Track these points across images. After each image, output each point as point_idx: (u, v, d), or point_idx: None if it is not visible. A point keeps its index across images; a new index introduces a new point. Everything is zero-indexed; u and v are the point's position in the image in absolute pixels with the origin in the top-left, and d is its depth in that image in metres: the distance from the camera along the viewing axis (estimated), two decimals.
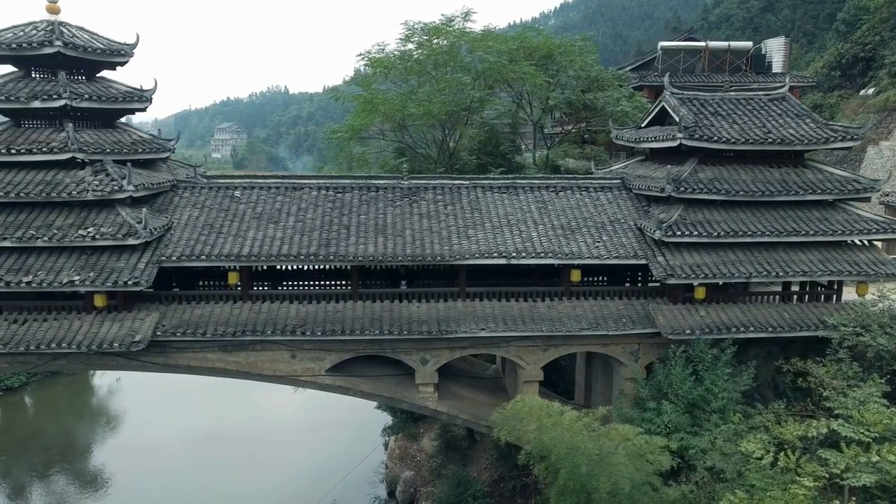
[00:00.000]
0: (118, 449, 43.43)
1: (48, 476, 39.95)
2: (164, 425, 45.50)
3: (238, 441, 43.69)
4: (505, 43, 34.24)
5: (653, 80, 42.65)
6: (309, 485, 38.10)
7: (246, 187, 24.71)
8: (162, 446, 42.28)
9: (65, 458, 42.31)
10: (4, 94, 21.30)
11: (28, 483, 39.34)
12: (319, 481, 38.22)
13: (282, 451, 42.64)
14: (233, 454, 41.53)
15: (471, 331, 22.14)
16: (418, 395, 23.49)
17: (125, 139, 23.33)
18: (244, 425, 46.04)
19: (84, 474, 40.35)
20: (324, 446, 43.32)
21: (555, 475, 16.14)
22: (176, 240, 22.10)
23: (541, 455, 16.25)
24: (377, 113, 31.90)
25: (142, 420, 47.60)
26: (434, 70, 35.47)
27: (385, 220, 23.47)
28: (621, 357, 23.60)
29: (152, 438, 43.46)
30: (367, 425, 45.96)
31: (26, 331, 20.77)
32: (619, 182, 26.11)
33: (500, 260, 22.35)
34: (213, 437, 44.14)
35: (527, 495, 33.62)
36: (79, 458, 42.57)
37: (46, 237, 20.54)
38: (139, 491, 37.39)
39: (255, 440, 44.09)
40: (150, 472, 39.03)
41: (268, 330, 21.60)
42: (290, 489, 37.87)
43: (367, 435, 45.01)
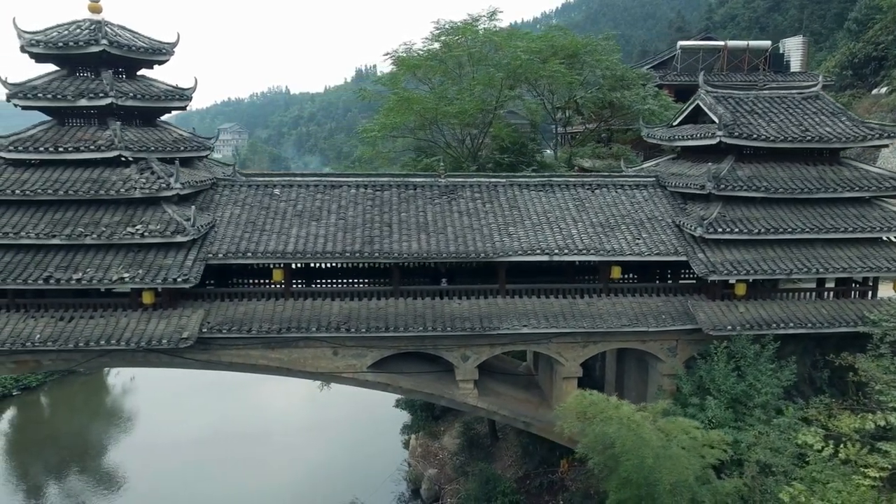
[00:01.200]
0: (132, 448, 43.44)
1: (64, 475, 40.02)
2: (177, 424, 45.53)
3: (250, 439, 43.70)
4: (533, 42, 34.42)
5: (672, 79, 42.85)
6: (327, 484, 38.19)
7: (285, 185, 24.84)
8: (175, 445, 42.33)
9: (80, 457, 42.34)
10: (51, 92, 21.41)
11: (44, 482, 39.41)
12: (337, 480, 38.43)
13: (295, 449, 42.63)
14: (246, 452, 41.54)
15: (513, 327, 22.29)
16: (458, 392, 23.62)
17: (167, 137, 23.45)
18: (255, 423, 46.06)
19: (99, 473, 40.39)
20: (338, 444, 43.34)
21: (612, 468, 16.29)
22: (220, 237, 22.23)
23: (602, 447, 16.38)
24: (411, 111, 32.02)
25: (156, 419, 47.66)
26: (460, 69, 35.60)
27: (426, 218, 23.62)
28: (659, 353, 23.77)
29: (166, 437, 43.55)
30: (378, 423, 46.22)
31: (74, 328, 20.87)
32: (654, 180, 26.29)
33: (543, 257, 22.51)
34: (226, 435, 44.12)
35: (553, 492, 33.80)
36: (94, 457, 42.63)
37: (95, 235, 20.66)
38: (154, 490, 37.44)
39: (266, 438, 44.10)
40: (164, 471, 39.14)
41: (312, 327, 21.72)
42: (307, 488, 37.85)
43: (380, 433, 45.28)
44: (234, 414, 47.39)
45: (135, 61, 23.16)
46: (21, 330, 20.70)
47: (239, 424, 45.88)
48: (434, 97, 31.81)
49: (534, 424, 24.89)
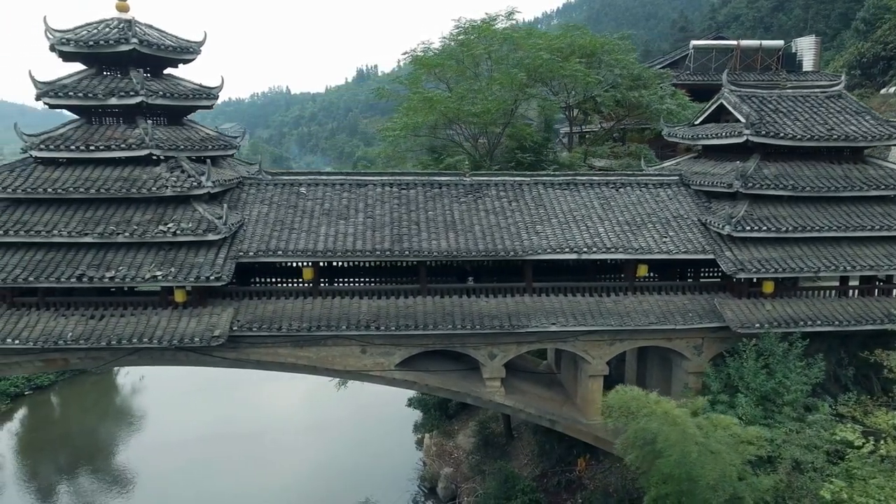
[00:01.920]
0: (143, 446, 43.41)
1: (75, 474, 40.01)
2: (186, 423, 45.63)
3: (258, 438, 43.76)
4: (553, 40, 34.49)
5: (685, 78, 42.92)
6: (339, 482, 38.15)
7: (311, 184, 24.89)
8: (185, 443, 42.43)
9: (91, 456, 42.29)
10: (81, 90, 21.45)
11: (56, 480, 39.37)
12: (349, 479, 38.37)
13: (304, 447, 42.63)
14: (255, 451, 41.59)
15: (541, 325, 22.35)
16: (485, 390, 23.67)
17: (194, 136, 23.48)
18: (263, 422, 46.10)
19: (110, 472, 40.37)
20: (348, 443, 43.37)
21: (651, 463, 16.35)
22: (250, 235, 22.27)
23: (643, 442, 16.43)
24: (434, 111, 32.07)
25: (165, 418, 47.68)
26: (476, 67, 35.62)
27: (453, 217, 23.67)
28: (685, 351, 23.83)
29: (176, 436, 43.66)
30: (386, 422, 46.11)
31: (105, 326, 20.90)
32: (677, 179, 26.36)
33: (571, 255, 22.57)
34: (235, 434, 44.15)
35: (572, 491, 33.88)
36: (104, 456, 42.57)
37: (127, 233, 20.69)
38: (164, 488, 37.44)
39: (275, 437, 44.13)
40: (174, 470, 39.19)
41: (342, 325, 21.77)
42: (319, 486, 37.77)
43: (387, 432, 45.26)
44: (241, 412, 47.45)
45: (162, 60, 23.20)
46: (52, 328, 20.72)
47: (247, 423, 45.92)
48: (456, 96, 31.86)
49: (559, 422, 24.94)
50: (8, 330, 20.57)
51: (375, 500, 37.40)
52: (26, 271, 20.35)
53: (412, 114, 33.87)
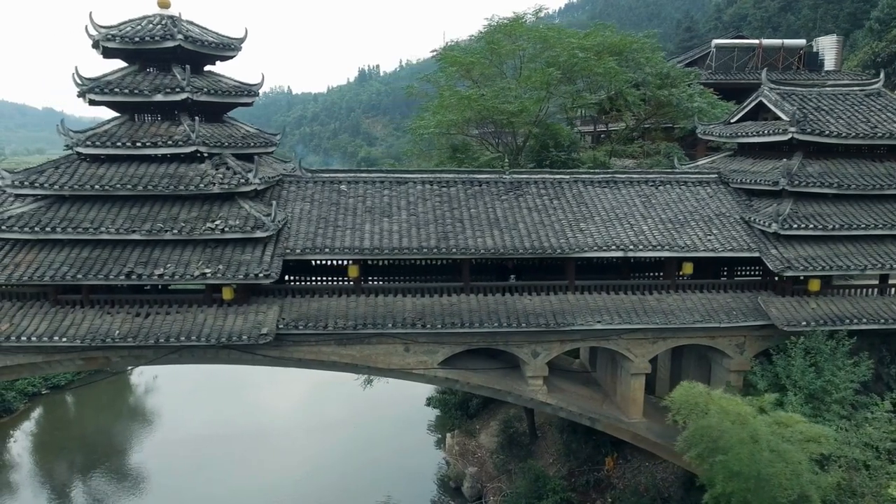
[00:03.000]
0: (157, 445, 43.41)
1: (91, 472, 39.94)
2: (199, 422, 45.64)
3: (272, 437, 43.84)
4: (585, 38, 34.43)
5: (707, 77, 42.83)
6: (357, 481, 37.96)
7: (351, 181, 24.79)
8: (200, 442, 42.49)
9: (105, 455, 42.24)
10: (126, 87, 21.33)
11: (73, 478, 39.34)
12: (367, 478, 38.25)
13: (320, 445, 42.59)
14: (271, 450, 41.60)
15: (587, 323, 22.26)
16: (528, 388, 23.57)
17: (236, 133, 23.37)
18: (276, 421, 46.14)
19: (124, 471, 40.27)
20: (364, 442, 43.23)
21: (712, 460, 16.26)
22: (295, 233, 22.15)
23: (709, 439, 16.33)
24: (470, 109, 31.95)
25: (179, 416, 47.68)
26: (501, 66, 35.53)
27: (496, 214, 23.57)
28: (727, 350, 23.75)
29: (190, 434, 43.74)
30: (398, 422, 46.25)
31: (151, 324, 20.77)
32: (716, 177, 26.30)
33: (618, 253, 22.50)
34: (252, 432, 44.21)
35: (601, 490, 33.83)
36: (119, 455, 42.47)
37: (175, 230, 20.56)
38: (180, 487, 37.43)
39: (290, 436, 44.15)
40: (189, 468, 39.27)
41: (388, 323, 21.66)
42: (338, 484, 37.71)
43: (400, 430, 45.16)
44: (252, 411, 47.58)
45: (204, 56, 23.09)
46: (98, 326, 20.58)
47: (260, 422, 45.98)
48: (491, 94, 31.76)
49: (600, 421, 24.84)
50: (54, 328, 20.43)
51: (396, 500, 37.21)
52: (73, 268, 20.21)
53: (445, 111, 33.71)
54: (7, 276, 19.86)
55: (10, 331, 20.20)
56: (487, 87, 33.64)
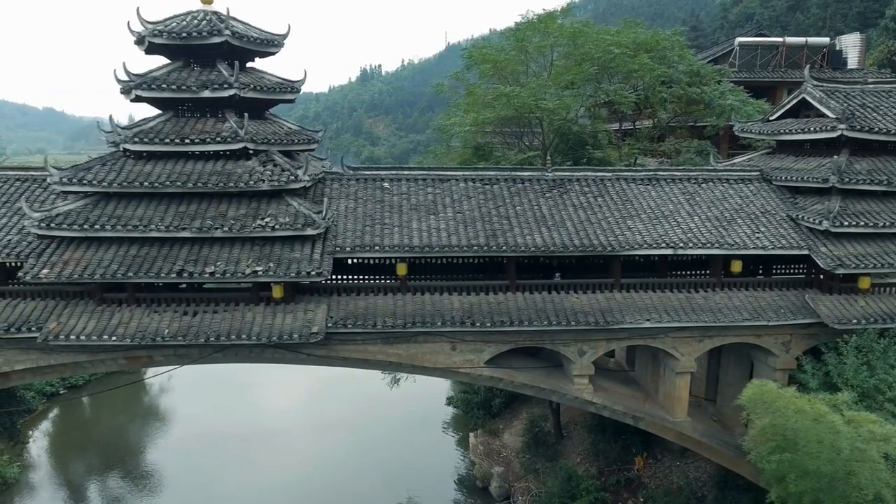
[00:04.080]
0: (172, 445, 43.24)
1: (107, 473, 39.77)
2: (215, 421, 45.55)
3: (288, 437, 43.64)
4: (618, 35, 34.29)
5: (730, 75, 42.61)
6: (377, 481, 37.76)
7: (393, 179, 24.59)
8: (214, 442, 42.39)
9: (121, 455, 42.11)
10: (174, 83, 21.10)
11: (88, 480, 39.14)
12: (385, 477, 38.05)
13: (340, 444, 42.33)
14: (288, 450, 41.46)
15: (636, 321, 22.10)
16: (573, 387, 23.40)
17: (279, 130, 23.17)
18: (291, 421, 45.96)
19: (140, 471, 40.11)
20: (381, 443, 42.98)
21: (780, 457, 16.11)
22: (342, 230, 21.95)
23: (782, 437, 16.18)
24: (510, 107, 31.76)
25: (194, 416, 47.41)
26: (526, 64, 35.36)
27: (541, 212, 23.39)
28: (773, 348, 23.60)
29: (205, 434, 43.67)
30: (417, 420, 46.12)
31: (200, 322, 20.55)
32: (758, 174, 26.15)
33: (667, 250, 22.34)
34: (264, 432, 44.05)
35: (632, 489, 33.71)
36: (135, 455, 42.31)
37: (225, 227, 20.34)
38: (194, 486, 37.35)
39: (306, 436, 43.97)
40: (201, 468, 39.18)
41: (437, 321, 21.47)
42: (358, 482, 37.57)
43: (411, 429, 44.88)
44: (268, 411, 47.43)
45: (249, 53, 22.89)
46: (147, 325, 20.37)
47: (276, 421, 45.77)
48: (529, 91, 31.57)
49: (644, 419, 24.67)
50: (102, 326, 20.21)
51: (418, 500, 36.94)
52: (123, 266, 19.97)
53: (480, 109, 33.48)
54: (57, 273, 19.61)
55: (58, 329, 19.98)
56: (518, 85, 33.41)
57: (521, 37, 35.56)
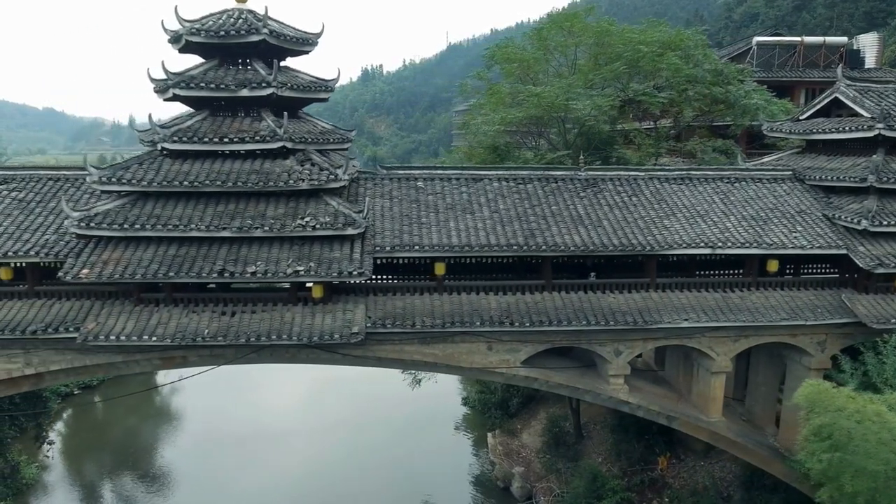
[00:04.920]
0: (185, 445, 43.27)
1: (120, 473, 39.76)
2: (226, 421, 45.56)
3: (309, 435, 43.76)
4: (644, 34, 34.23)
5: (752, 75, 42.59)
6: (394, 481, 37.70)
7: (427, 178, 24.48)
8: (226, 443, 42.37)
9: (134, 456, 42.09)
10: (212, 82, 20.97)
11: (102, 480, 39.14)
12: (402, 477, 38.01)
13: (355, 444, 42.20)
14: (303, 450, 41.45)
15: (674, 321, 22.03)
16: (609, 387, 23.31)
17: (314, 129, 23.06)
18: (310, 420, 46.12)
19: (152, 471, 40.10)
20: (396, 441, 42.96)
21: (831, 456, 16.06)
22: (380, 230, 21.84)
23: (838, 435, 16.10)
24: (540, 106, 31.67)
25: (206, 417, 47.38)
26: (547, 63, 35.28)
27: (577, 211, 23.31)
28: (808, 348, 23.54)
29: (217, 434, 43.77)
30: (427, 420, 45.96)
31: (239, 323, 20.43)
32: (791, 174, 26.09)
33: (706, 250, 22.28)
34: (282, 431, 44.09)
35: (656, 489, 33.64)
36: (147, 456, 42.32)
37: (266, 227, 20.21)
38: (206, 487, 37.30)
39: (319, 434, 44.02)
40: (213, 468, 39.17)
41: (475, 321, 21.37)
42: (374, 482, 37.49)
43: (421, 429, 44.74)
44: (280, 411, 47.48)
45: (284, 51, 22.74)
46: (186, 325, 20.24)
47: (290, 421, 45.80)
48: (559, 91, 31.47)
49: (678, 419, 24.60)
50: (141, 327, 20.08)
51: (436, 500, 36.80)
52: (163, 266, 19.84)
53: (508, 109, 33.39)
54: (98, 273, 19.47)
55: (97, 330, 19.84)
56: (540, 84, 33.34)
57: (545, 35, 35.51)
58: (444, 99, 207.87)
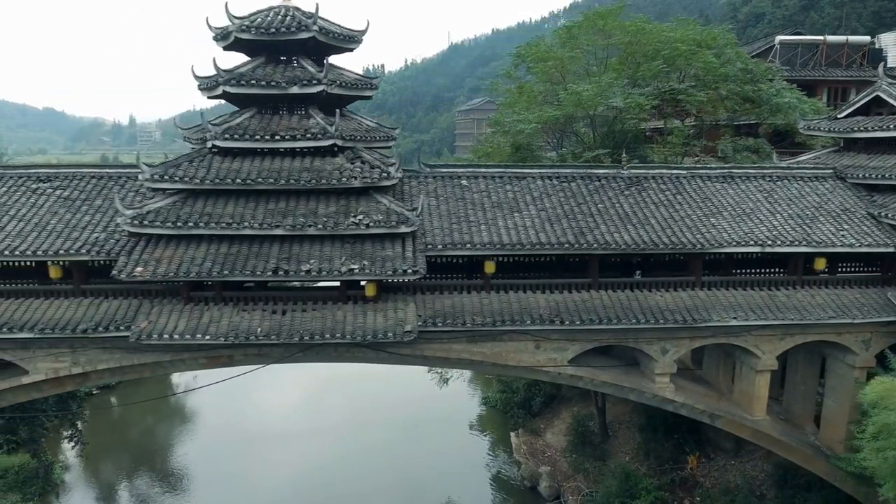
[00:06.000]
0: (201, 446, 43.16)
1: (138, 473, 39.78)
2: (240, 421, 45.57)
3: (324, 435, 43.53)
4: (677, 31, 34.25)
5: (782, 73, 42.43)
6: (413, 481, 37.58)
7: (470, 176, 24.42)
8: (241, 442, 42.39)
9: (151, 456, 42.14)
10: (263, 79, 20.87)
11: (120, 481, 39.09)
12: (420, 477, 37.94)
13: (370, 443, 42.02)
14: (320, 450, 41.34)
15: (722, 319, 21.99)
16: (655, 386, 23.27)
17: (359, 126, 22.97)
18: (323, 420, 45.89)
19: (168, 472, 40.00)
20: (413, 440, 42.74)
21: None
22: (429, 228, 21.75)
23: None
24: (579, 105, 31.63)
25: (222, 417, 47.17)
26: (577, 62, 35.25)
27: (623, 210, 23.26)
28: (853, 346, 23.52)
29: (232, 434, 43.74)
30: (440, 419, 45.77)
31: (291, 321, 20.33)
32: (832, 172, 26.08)
33: (756, 248, 22.25)
34: (295, 432, 44.02)
35: (687, 488, 33.59)
36: (163, 456, 42.24)
37: (319, 225, 20.11)
38: (225, 487, 37.19)
39: (334, 434, 43.76)
40: (231, 468, 39.05)
41: (525, 319, 21.31)
42: (393, 481, 37.39)
43: (448, 428, 44.60)
44: (292, 411, 47.45)
45: (330, 48, 22.69)
46: (238, 323, 20.14)
47: (303, 421, 45.79)
48: (598, 89, 31.44)
49: (721, 418, 24.57)
50: (193, 325, 19.98)
51: (461, 499, 36.68)
52: (216, 264, 19.73)
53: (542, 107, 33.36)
54: (152, 272, 19.36)
55: (150, 328, 19.73)
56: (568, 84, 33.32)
57: (575, 34, 35.49)
58: (446, 99, 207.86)
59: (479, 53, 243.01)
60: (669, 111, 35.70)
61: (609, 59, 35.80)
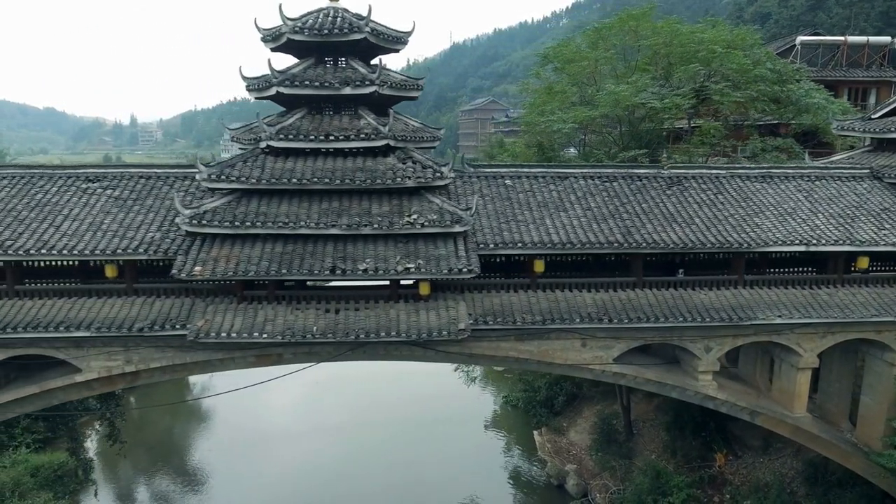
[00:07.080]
0: (219, 445, 43.46)
1: (159, 474, 39.97)
2: (255, 422, 45.71)
3: (336, 433, 43.76)
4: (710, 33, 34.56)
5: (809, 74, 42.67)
6: (433, 481, 37.75)
7: (513, 176, 24.65)
8: (256, 442, 42.64)
9: (169, 456, 42.35)
10: (317, 80, 21.07)
11: (141, 481, 39.41)
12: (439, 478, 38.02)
13: (386, 442, 42.25)
14: (337, 448, 41.58)
15: (767, 317, 22.25)
16: (698, 384, 23.52)
17: (406, 126, 23.14)
18: (339, 418, 46.02)
19: (189, 472, 40.33)
20: (433, 438, 43.00)
21: None
22: (479, 227, 21.96)
23: None
24: (617, 105, 31.92)
25: (237, 416, 47.17)
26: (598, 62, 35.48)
27: (667, 209, 23.51)
28: (893, 344, 23.79)
29: (250, 434, 43.92)
30: (455, 419, 45.96)
31: (345, 320, 20.55)
32: (868, 172, 26.37)
33: (800, 247, 22.51)
34: (309, 430, 44.42)
35: (716, 486, 33.86)
36: (183, 456, 42.54)
37: (375, 224, 20.33)
38: (240, 487, 37.46)
39: (356, 432, 43.88)
40: (253, 467, 39.23)
41: (573, 317, 21.54)
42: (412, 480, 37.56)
43: (464, 428, 44.85)
44: (305, 409, 47.71)
45: (378, 49, 22.86)
46: (293, 322, 20.35)
47: (316, 419, 46.02)
48: (634, 89, 31.71)
49: (761, 415, 24.84)
50: (249, 324, 20.18)
51: (484, 498, 36.85)
52: (273, 263, 19.93)
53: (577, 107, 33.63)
54: (211, 271, 19.56)
55: (207, 327, 19.94)
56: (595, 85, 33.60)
57: (605, 35, 35.76)
58: (449, 98, 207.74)
59: (482, 53, 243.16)
60: (703, 111, 35.95)
61: (636, 61, 36.07)
